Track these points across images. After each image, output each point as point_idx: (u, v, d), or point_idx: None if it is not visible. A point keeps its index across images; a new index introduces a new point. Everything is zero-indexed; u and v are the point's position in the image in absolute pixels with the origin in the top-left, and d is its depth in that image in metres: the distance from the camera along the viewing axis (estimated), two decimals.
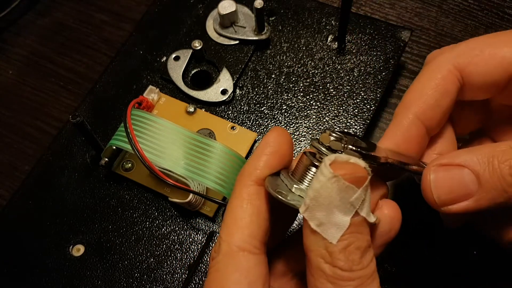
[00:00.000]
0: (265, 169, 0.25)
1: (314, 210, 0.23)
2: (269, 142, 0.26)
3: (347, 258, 0.22)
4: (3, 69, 0.48)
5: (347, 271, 0.22)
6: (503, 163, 0.24)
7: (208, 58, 0.43)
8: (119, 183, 0.39)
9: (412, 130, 0.28)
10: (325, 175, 0.22)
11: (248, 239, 0.24)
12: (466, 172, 0.24)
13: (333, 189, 0.22)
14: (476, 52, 0.28)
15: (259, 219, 0.25)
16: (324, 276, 0.23)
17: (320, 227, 0.23)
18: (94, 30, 0.50)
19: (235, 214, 0.25)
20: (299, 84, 0.42)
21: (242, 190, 0.25)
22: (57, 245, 0.37)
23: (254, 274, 0.24)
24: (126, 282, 0.35)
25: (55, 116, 0.46)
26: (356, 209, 0.23)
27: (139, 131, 0.34)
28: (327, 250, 0.23)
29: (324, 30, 0.44)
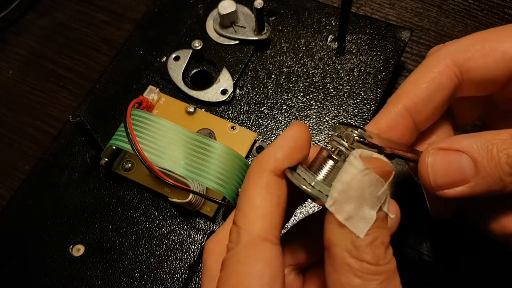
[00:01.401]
0: (284, 161, 0.24)
1: (343, 203, 0.22)
2: (290, 136, 0.25)
3: (373, 252, 0.22)
4: (3, 69, 0.48)
5: (374, 265, 0.22)
6: (502, 151, 0.24)
7: (208, 58, 0.43)
8: (119, 183, 0.39)
9: (399, 121, 0.27)
10: (356, 168, 0.22)
11: (269, 228, 0.23)
12: (465, 158, 0.24)
13: (364, 181, 0.22)
14: (476, 47, 0.27)
15: (279, 208, 0.24)
16: (351, 270, 0.22)
17: (348, 221, 0.22)
18: (94, 30, 0.50)
19: (255, 203, 0.24)
20: (299, 84, 0.42)
21: (261, 179, 0.24)
22: (57, 245, 0.37)
23: (276, 266, 0.23)
24: (126, 282, 0.35)
25: (55, 116, 0.46)
26: (381, 203, 0.22)
27: (139, 131, 0.34)
28: (353, 245, 0.22)
29: (324, 30, 0.44)
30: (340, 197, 0.22)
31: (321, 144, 0.39)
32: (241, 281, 0.22)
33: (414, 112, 0.27)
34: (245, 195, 0.24)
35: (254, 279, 0.22)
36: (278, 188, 0.24)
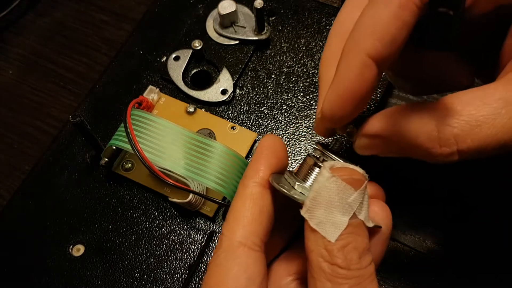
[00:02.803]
0: (266, 170, 0.26)
1: (314, 210, 0.24)
2: (264, 146, 0.27)
3: (345, 256, 0.23)
4: (3, 69, 0.48)
5: (345, 269, 0.23)
6: None
7: (208, 58, 0.43)
8: (119, 183, 0.39)
9: (366, 73, 0.23)
10: (324, 176, 0.24)
11: (249, 235, 0.25)
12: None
13: (331, 188, 0.23)
14: None
15: (261, 217, 0.25)
16: (323, 274, 0.23)
17: (319, 226, 0.23)
18: (94, 30, 0.50)
19: (238, 212, 0.25)
20: (299, 84, 0.42)
21: (245, 191, 0.26)
22: (57, 245, 0.37)
23: (253, 270, 0.24)
24: (126, 282, 0.35)
25: (55, 116, 0.46)
26: (354, 210, 0.23)
27: (139, 131, 0.34)
28: (326, 249, 0.23)
29: (324, 30, 0.44)
30: (311, 204, 0.24)
31: None
32: (219, 282, 0.24)
33: (380, 59, 0.23)
34: (231, 207, 0.26)
35: (229, 282, 0.24)
36: (261, 198, 0.26)
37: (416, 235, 0.36)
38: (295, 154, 0.39)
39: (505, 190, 0.36)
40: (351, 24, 0.24)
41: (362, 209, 0.24)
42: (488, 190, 0.37)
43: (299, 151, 0.39)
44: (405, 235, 0.36)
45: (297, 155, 0.39)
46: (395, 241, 0.36)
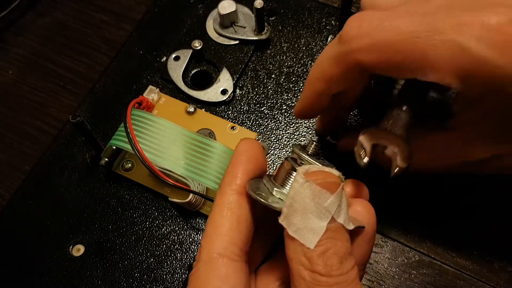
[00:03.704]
0: (243, 176, 0.26)
1: (291, 217, 0.23)
2: (241, 151, 0.27)
3: (325, 263, 0.23)
4: (3, 69, 0.48)
5: (325, 276, 0.22)
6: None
7: (208, 58, 0.43)
8: (119, 183, 0.39)
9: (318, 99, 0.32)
10: (298, 182, 0.23)
11: (228, 245, 0.24)
12: None
13: (306, 194, 0.23)
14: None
15: (239, 226, 0.25)
16: (304, 283, 0.23)
17: (297, 233, 0.23)
18: (94, 30, 0.50)
19: (215, 222, 0.25)
20: (299, 84, 0.42)
21: (222, 199, 0.25)
22: (57, 245, 0.37)
23: (234, 281, 0.24)
24: (126, 282, 0.35)
25: (55, 116, 0.45)
26: (332, 214, 0.23)
27: (139, 131, 0.34)
28: (305, 256, 0.23)
29: (324, 30, 0.44)
30: (288, 211, 0.23)
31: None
32: None
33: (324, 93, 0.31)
34: (209, 216, 0.25)
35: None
36: (238, 206, 0.25)
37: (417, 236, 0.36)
38: None
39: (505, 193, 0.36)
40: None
41: (340, 212, 0.23)
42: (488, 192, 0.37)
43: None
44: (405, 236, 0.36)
45: None
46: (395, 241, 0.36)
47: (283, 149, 0.39)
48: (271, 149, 0.39)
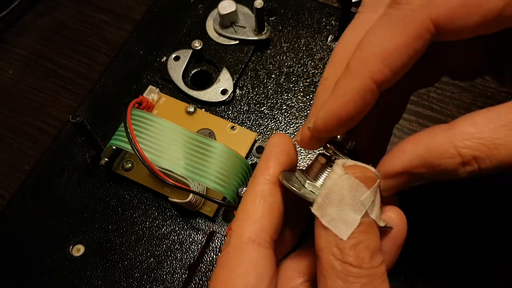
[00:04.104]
0: (276, 167, 0.26)
1: (326, 207, 0.23)
2: (274, 143, 0.27)
3: (356, 255, 0.23)
4: (3, 69, 0.48)
5: (356, 267, 0.23)
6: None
7: (208, 58, 0.43)
8: (119, 183, 0.39)
9: (368, 98, 0.24)
10: (336, 173, 0.23)
11: (259, 232, 0.24)
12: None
13: (344, 185, 0.23)
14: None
15: (271, 214, 0.25)
16: (334, 273, 0.23)
17: (331, 223, 0.23)
18: (94, 30, 0.50)
19: (247, 209, 0.25)
20: (299, 84, 0.42)
21: (255, 188, 0.26)
22: (57, 245, 0.37)
23: (263, 267, 0.24)
24: (126, 282, 0.35)
25: (55, 116, 0.46)
26: (366, 209, 0.23)
27: (139, 131, 0.34)
28: (337, 247, 0.23)
29: (324, 30, 0.44)
30: (323, 202, 0.23)
31: None
32: (228, 279, 0.24)
33: (383, 85, 0.23)
34: (241, 203, 0.26)
35: (239, 278, 0.23)
36: (271, 195, 0.25)
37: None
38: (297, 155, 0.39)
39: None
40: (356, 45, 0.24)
41: (374, 208, 0.24)
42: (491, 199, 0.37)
43: (299, 151, 0.39)
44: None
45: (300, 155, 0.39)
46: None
47: None
48: None
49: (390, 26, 0.23)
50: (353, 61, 0.23)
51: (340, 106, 0.24)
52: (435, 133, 0.24)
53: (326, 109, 0.24)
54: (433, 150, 0.24)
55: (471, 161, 0.23)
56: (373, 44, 0.23)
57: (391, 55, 0.22)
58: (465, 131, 0.23)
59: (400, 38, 0.22)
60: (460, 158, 0.23)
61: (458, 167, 0.23)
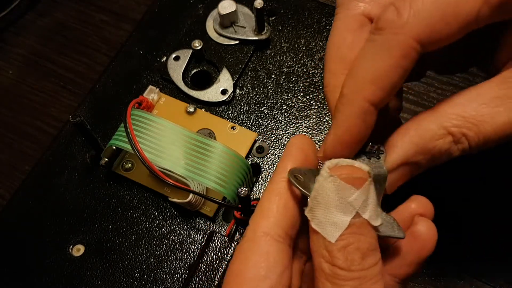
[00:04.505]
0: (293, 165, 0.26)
1: (315, 210, 0.24)
2: (292, 143, 0.27)
3: (345, 257, 0.23)
4: (3, 69, 0.48)
5: (344, 270, 0.23)
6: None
7: (208, 58, 0.43)
8: (119, 183, 0.39)
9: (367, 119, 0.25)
10: (322, 175, 0.24)
11: (273, 226, 0.25)
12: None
13: (329, 188, 0.23)
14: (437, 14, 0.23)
15: (286, 211, 0.25)
16: (324, 275, 0.23)
17: (319, 226, 0.23)
18: (94, 30, 0.50)
19: (263, 206, 0.26)
20: (299, 84, 0.42)
21: (272, 185, 0.26)
22: (57, 245, 0.37)
23: (274, 259, 0.24)
24: (126, 282, 0.35)
25: (55, 116, 0.46)
26: (356, 210, 0.23)
27: (139, 131, 0.34)
28: (326, 250, 0.23)
29: (324, 30, 0.44)
30: (313, 204, 0.24)
31: (319, 145, 0.39)
32: (240, 269, 0.24)
33: (380, 104, 0.25)
34: (259, 202, 0.26)
35: (250, 269, 0.24)
36: (286, 192, 0.26)
37: None
38: None
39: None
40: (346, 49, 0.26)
41: (366, 207, 0.23)
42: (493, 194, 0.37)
43: None
44: None
45: None
46: None
47: (283, 149, 0.39)
48: (271, 149, 0.39)
49: (377, 51, 0.24)
50: (347, 89, 0.24)
51: (344, 133, 0.25)
52: (422, 119, 0.25)
53: (331, 138, 0.25)
54: (424, 135, 0.24)
55: (461, 139, 0.24)
56: (364, 69, 0.24)
57: (382, 77, 0.23)
58: (450, 111, 0.24)
59: (388, 61, 0.23)
60: (451, 137, 0.24)
61: (451, 145, 0.24)
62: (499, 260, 0.35)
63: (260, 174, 0.38)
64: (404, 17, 0.23)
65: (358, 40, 0.26)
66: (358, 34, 0.27)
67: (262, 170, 0.39)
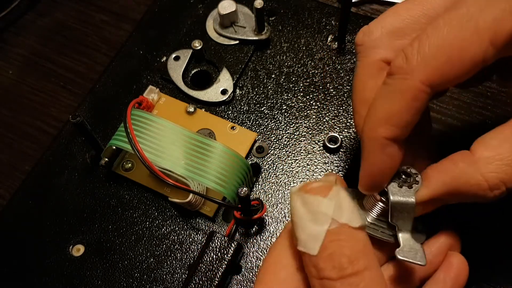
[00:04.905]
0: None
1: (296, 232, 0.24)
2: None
3: (332, 265, 0.23)
4: (3, 69, 0.48)
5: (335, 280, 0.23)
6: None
7: (208, 58, 0.43)
8: (119, 183, 0.39)
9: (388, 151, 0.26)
10: (291, 199, 0.25)
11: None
12: None
13: (298, 205, 0.24)
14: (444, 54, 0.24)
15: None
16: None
17: (302, 245, 0.24)
18: (94, 30, 0.50)
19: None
20: (299, 84, 0.42)
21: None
22: (57, 245, 0.37)
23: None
24: (126, 282, 0.35)
25: (55, 116, 0.46)
26: (331, 216, 0.24)
27: (139, 131, 0.34)
28: (313, 266, 0.23)
29: (324, 30, 0.44)
30: (293, 228, 0.25)
31: (319, 145, 0.39)
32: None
33: (398, 139, 0.26)
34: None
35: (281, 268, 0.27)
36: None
37: None
38: (295, 154, 0.39)
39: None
40: (369, 92, 0.27)
41: (342, 212, 0.24)
42: None
43: (299, 151, 0.39)
44: None
45: (297, 155, 0.39)
46: None
47: (283, 149, 0.39)
48: (271, 149, 0.39)
49: (390, 94, 0.25)
50: (366, 127, 0.26)
51: (369, 168, 0.26)
52: (458, 160, 0.25)
53: (361, 174, 0.27)
54: (459, 178, 0.25)
55: (499, 184, 0.24)
56: (379, 110, 0.25)
57: (395, 117, 0.25)
58: (485, 155, 0.24)
59: (400, 102, 0.25)
60: (487, 184, 0.24)
61: (486, 192, 0.24)
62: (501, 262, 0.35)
63: (260, 174, 0.38)
64: (412, 63, 0.24)
65: (379, 83, 0.27)
66: (378, 78, 0.28)
67: (262, 170, 0.39)
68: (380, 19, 0.28)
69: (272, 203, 0.37)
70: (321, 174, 0.38)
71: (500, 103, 0.40)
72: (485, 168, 0.24)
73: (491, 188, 0.24)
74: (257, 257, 0.36)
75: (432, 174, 0.26)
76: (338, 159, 0.39)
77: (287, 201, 0.37)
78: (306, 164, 0.39)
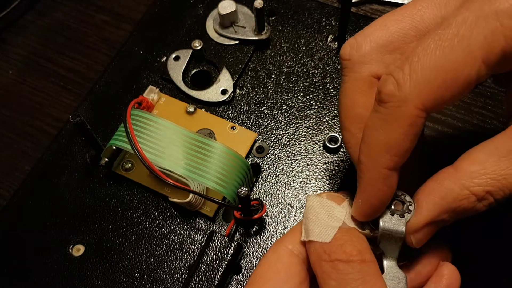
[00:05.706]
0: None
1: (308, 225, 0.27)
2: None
3: (343, 250, 0.25)
4: (3, 69, 0.48)
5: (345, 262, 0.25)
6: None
7: (208, 58, 0.43)
8: (119, 183, 0.39)
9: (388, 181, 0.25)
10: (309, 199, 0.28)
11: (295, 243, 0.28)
12: None
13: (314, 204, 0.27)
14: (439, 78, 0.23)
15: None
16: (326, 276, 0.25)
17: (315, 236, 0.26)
18: (94, 30, 0.50)
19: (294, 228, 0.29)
20: (299, 84, 0.42)
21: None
22: (57, 245, 0.37)
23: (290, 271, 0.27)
24: (126, 282, 0.35)
25: (55, 116, 0.45)
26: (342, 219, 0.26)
27: (139, 131, 0.35)
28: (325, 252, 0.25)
29: (324, 30, 0.44)
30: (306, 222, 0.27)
31: (319, 145, 0.39)
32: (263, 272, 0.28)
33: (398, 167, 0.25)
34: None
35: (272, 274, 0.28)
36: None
37: None
38: (295, 154, 0.39)
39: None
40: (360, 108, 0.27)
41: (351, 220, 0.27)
42: None
43: (299, 151, 0.39)
44: None
45: (297, 155, 0.39)
46: None
47: (283, 149, 0.39)
48: (271, 149, 0.39)
49: (384, 123, 0.24)
50: (364, 157, 0.25)
51: (368, 198, 0.26)
52: (443, 179, 0.25)
53: (359, 203, 0.26)
54: (447, 196, 0.25)
55: (486, 196, 0.24)
56: (375, 140, 0.25)
57: (394, 146, 0.24)
58: (470, 170, 0.24)
59: (397, 131, 0.24)
60: (475, 197, 0.24)
61: (475, 204, 0.24)
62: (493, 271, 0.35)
63: (260, 174, 0.38)
64: (404, 89, 0.23)
65: (371, 99, 0.26)
66: (369, 94, 0.27)
67: (262, 170, 0.39)
68: (367, 32, 0.27)
69: (272, 203, 0.37)
70: (321, 174, 0.38)
71: (500, 103, 0.40)
72: (470, 182, 0.24)
73: (479, 199, 0.24)
74: (257, 257, 0.36)
75: (421, 199, 0.26)
76: (338, 159, 0.39)
77: (287, 201, 0.37)
78: (306, 164, 0.39)
